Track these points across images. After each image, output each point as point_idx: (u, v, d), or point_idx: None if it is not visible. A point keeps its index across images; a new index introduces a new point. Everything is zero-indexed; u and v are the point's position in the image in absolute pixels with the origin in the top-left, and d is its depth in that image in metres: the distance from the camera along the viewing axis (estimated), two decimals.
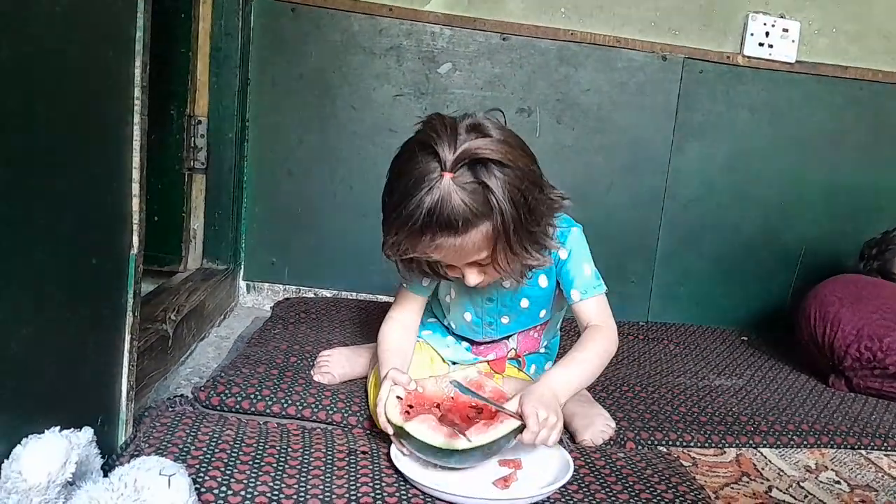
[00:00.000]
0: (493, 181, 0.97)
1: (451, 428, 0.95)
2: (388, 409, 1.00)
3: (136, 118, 0.88)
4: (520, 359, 1.28)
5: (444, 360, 1.26)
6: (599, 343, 1.11)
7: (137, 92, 0.88)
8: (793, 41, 1.89)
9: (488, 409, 1.00)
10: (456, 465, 0.96)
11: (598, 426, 1.14)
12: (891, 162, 1.99)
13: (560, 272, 1.17)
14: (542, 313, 1.24)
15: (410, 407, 1.02)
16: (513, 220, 0.98)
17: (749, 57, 1.88)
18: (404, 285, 1.22)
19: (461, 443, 0.92)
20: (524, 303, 1.21)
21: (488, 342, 1.28)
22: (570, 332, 1.76)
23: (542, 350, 1.31)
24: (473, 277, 1.07)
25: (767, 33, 1.87)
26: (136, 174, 0.89)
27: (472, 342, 1.30)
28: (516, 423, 0.93)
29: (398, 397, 1.02)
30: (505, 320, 1.23)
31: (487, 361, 1.27)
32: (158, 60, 1.06)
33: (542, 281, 1.19)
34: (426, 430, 0.94)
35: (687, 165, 1.92)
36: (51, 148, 0.72)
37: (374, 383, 1.15)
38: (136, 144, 0.89)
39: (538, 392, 0.98)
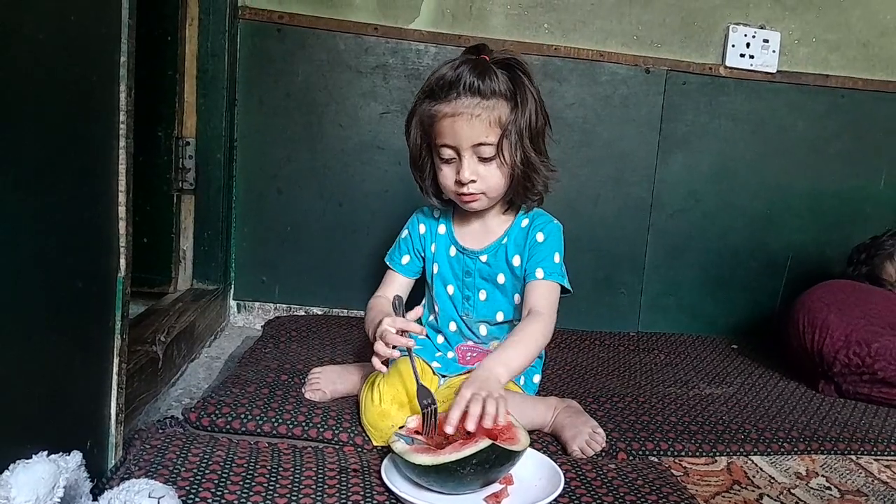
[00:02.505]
0: (520, 82, 1.15)
1: (431, 447, 0.95)
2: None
3: (122, 142, 0.89)
4: None
5: (434, 373, 1.27)
6: (538, 329, 1.15)
7: (123, 116, 0.88)
8: (774, 51, 1.92)
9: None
10: (438, 489, 0.95)
11: (584, 436, 1.14)
12: (874, 168, 2.01)
13: (532, 252, 1.24)
14: (517, 298, 1.27)
15: (417, 433, 1.02)
16: (529, 117, 1.15)
17: (731, 68, 1.91)
18: (390, 266, 1.32)
19: (423, 458, 0.91)
20: (500, 278, 1.27)
21: (471, 345, 1.29)
22: (558, 346, 1.77)
23: None
24: (469, 170, 1.16)
25: (748, 44, 1.90)
26: (122, 197, 0.90)
27: (458, 335, 1.32)
28: (486, 443, 0.91)
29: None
30: (482, 295, 1.28)
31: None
32: (145, 83, 1.07)
33: (515, 260, 1.26)
34: (406, 447, 0.94)
35: (672, 176, 1.94)
36: (36, 172, 0.73)
37: (366, 397, 1.16)
38: (122, 168, 0.89)
39: (475, 375, 1.03)
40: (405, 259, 1.32)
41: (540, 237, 1.25)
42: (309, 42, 1.78)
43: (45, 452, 0.69)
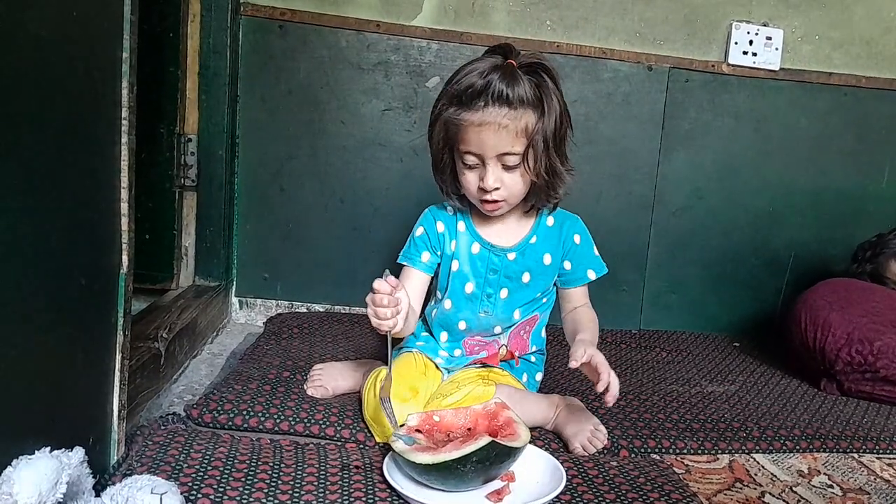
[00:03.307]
0: (547, 87, 1.13)
1: (432, 446, 0.95)
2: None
3: (124, 138, 0.89)
4: (513, 359, 1.29)
5: (437, 368, 1.27)
6: (596, 317, 1.28)
7: (125, 112, 0.88)
8: (776, 49, 1.91)
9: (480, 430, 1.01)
10: (440, 487, 0.95)
11: (586, 433, 1.15)
12: (877, 166, 2.01)
13: (574, 255, 1.27)
14: (539, 295, 1.28)
15: (418, 431, 1.02)
16: (554, 124, 1.13)
17: (733, 65, 1.91)
18: (405, 264, 1.27)
19: (423, 457, 0.92)
20: (526, 277, 1.26)
21: (478, 339, 1.29)
22: (561, 343, 1.77)
23: (532, 359, 1.32)
24: (493, 178, 1.15)
25: (751, 41, 1.90)
26: (124, 194, 0.90)
27: (466, 333, 1.31)
28: (486, 440, 0.91)
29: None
30: (504, 294, 1.26)
31: (480, 360, 1.27)
32: (147, 79, 1.07)
33: (547, 259, 1.26)
34: (406, 447, 0.94)
35: (675, 174, 1.94)
36: (37, 169, 0.73)
37: (369, 393, 1.16)
38: (125, 164, 0.89)
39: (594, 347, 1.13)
40: (425, 256, 1.27)
41: (577, 239, 1.27)
42: (310, 38, 1.78)
43: (48, 448, 0.69)
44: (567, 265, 1.28)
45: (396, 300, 1.04)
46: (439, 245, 1.28)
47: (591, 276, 1.28)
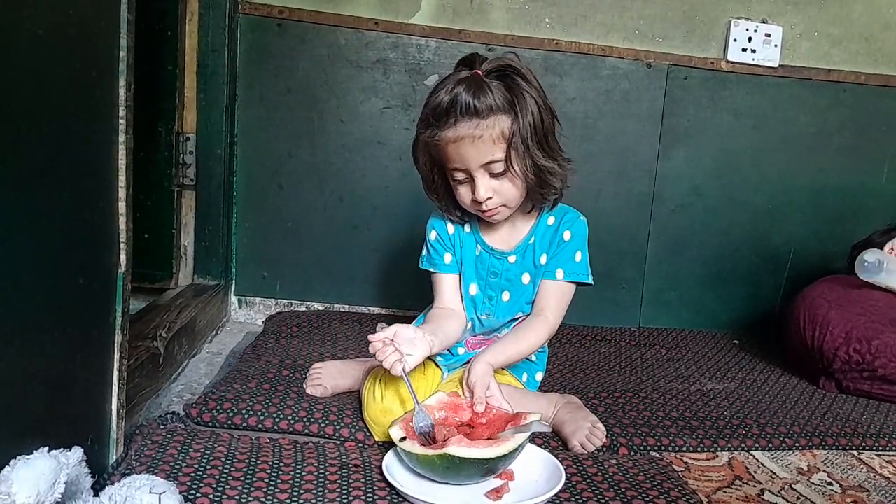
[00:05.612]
0: (518, 88, 1.11)
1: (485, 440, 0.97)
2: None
3: (122, 137, 0.89)
4: None
5: (437, 366, 1.27)
6: (541, 337, 1.22)
7: (122, 111, 0.88)
8: (776, 46, 1.91)
9: (477, 425, 1.01)
10: (452, 481, 0.95)
11: (584, 431, 1.15)
12: (876, 163, 2.01)
13: (558, 250, 1.25)
14: None
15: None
16: (531, 123, 1.11)
17: (732, 62, 1.90)
18: (433, 271, 1.28)
19: (501, 448, 0.93)
20: (525, 278, 1.26)
21: (480, 339, 1.29)
22: (560, 341, 1.77)
23: (533, 358, 1.32)
24: (484, 188, 1.14)
25: (750, 38, 1.89)
26: (122, 193, 0.90)
27: (469, 333, 1.31)
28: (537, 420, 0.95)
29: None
30: (505, 297, 1.27)
31: None
32: (146, 78, 1.07)
33: (543, 259, 1.25)
34: (465, 448, 0.93)
35: (674, 171, 1.93)
36: (36, 168, 0.73)
37: (368, 393, 1.16)
38: (122, 163, 0.89)
39: (481, 370, 1.11)
40: (447, 257, 1.27)
41: (567, 235, 1.25)
42: (309, 37, 1.78)
43: (46, 448, 0.69)
44: (551, 257, 1.26)
45: (390, 342, 1.07)
46: (452, 246, 1.29)
47: (559, 275, 1.24)
